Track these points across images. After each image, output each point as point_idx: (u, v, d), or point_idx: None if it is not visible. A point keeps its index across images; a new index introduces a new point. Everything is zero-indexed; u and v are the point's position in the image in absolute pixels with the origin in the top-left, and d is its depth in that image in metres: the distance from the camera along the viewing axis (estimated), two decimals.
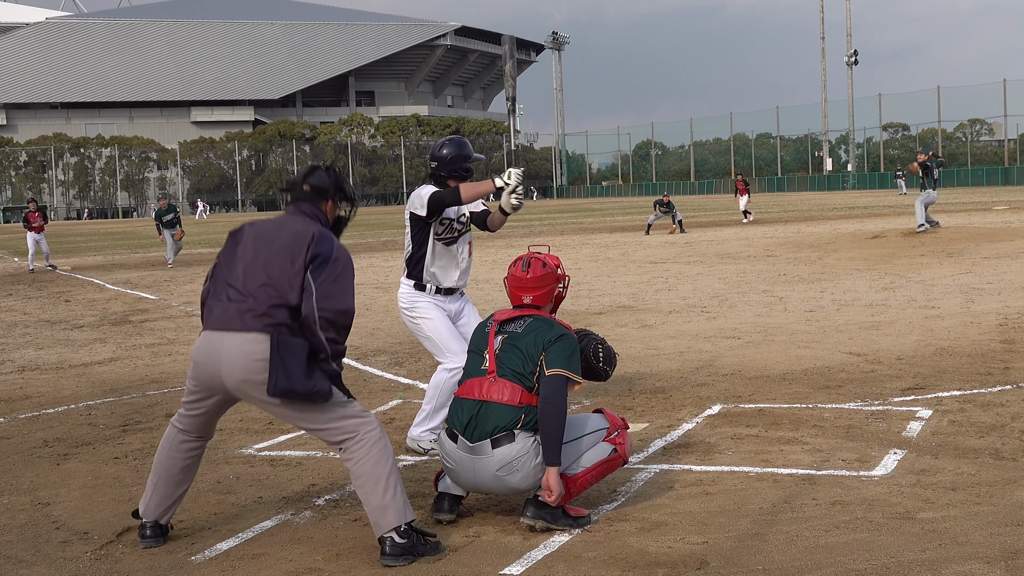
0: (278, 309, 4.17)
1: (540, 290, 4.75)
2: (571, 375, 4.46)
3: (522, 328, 4.60)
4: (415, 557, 4.16)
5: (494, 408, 4.45)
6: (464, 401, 4.56)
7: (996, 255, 16.28)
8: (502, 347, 4.57)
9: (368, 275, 18.91)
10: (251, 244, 4.32)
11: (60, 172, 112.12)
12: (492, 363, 4.55)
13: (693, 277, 15.66)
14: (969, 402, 6.47)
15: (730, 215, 40.75)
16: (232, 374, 4.18)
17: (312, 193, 4.45)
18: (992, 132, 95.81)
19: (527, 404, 4.44)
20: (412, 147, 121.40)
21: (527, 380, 4.47)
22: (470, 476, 4.49)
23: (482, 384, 4.53)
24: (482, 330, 4.76)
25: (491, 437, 4.41)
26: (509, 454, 4.39)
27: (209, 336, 4.26)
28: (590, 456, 4.58)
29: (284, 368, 4.11)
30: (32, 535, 4.75)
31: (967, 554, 3.95)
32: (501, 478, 4.42)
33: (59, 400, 8.07)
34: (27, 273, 23.63)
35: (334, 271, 4.19)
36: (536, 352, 4.50)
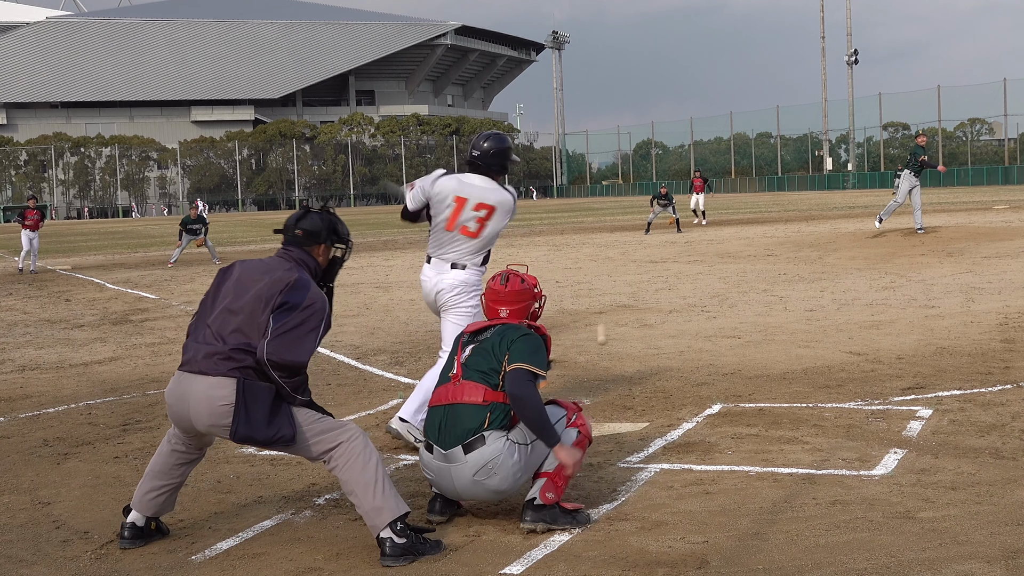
0: (246, 354, 4.20)
1: (517, 304, 4.78)
2: (533, 368, 4.43)
3: (490, 334, 4.63)
4: (415, 556, 4.16)
5: (460, 410, 4.43)
6: (434, 409, 4.56)
7: (996, 254, 16.28)
8: (471, 354, 4.59)
9: (368, 275, 18.91)
10: (233, 286, 4.36)
11: (60, 171, 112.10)
12: (459, 369, 4.57)
13: (693, 276, 15.65)
14: (969, 401, 6.47)
15: (730, 214, 40.75)
16: (200, 417, 4.24)
17: (304, 237, 4.46)
18: (992, 131, 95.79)
19: (492, 401, 4.42)
20: (412, 146, 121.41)
21: (492, 378, 4.46)
22: (450, 485, 4.47)
23: (448, 390, 4.54)
24: (456, 344, 4.76)
25: (463, 443, 4.38)
26: (483, 457, 4.37)
27: (179, 378, 4.32)
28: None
29: (247, 415, 4.16)
30: (32, 534, 4.75)
31: (967, 553, 3.95)
32: (480, 483, 4.40)
33: (59, 399, 8.07)
34: (25, 273, 23.59)
35: (298, 319, 4.20)
36: (501, 350, 4.51)
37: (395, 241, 31.16)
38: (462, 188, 6.07)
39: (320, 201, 6.10)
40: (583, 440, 4.64)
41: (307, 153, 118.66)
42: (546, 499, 4.43)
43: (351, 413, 7.03)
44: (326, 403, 7.41)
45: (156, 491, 4.51)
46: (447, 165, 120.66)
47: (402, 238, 32.81)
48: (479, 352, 4.56)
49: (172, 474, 4.53)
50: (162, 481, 4.51)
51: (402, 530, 4.19)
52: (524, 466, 4.45)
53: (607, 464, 5.45)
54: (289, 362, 4.18)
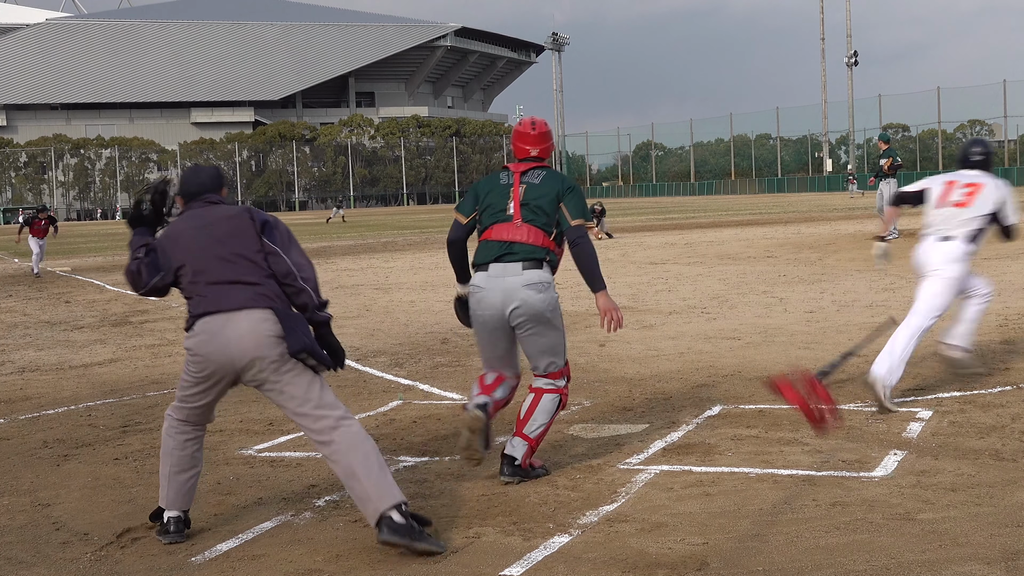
0: (268, 282, 4.47)
1: (543, 144, 5.45)
2: (587, 222, 5.26)
3: (539, 179, 5.28)
4: (412, 540, 4.21)
5: (521, 246, 5.14)
6: (492, 242, 5.20)
7: (996, 256, 16.28)
8: (524, 196, 5.23)
9: (368, 276, 18.91)
10: (197, 240, 4.56)
11: (60, 173, 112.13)
12: (517, 210, 5.21)
13: (693, 278, 15.65)
14: (969, 403, 6.47)
15: (730, 215, 40.77)
16: (244, 351, 4.35)
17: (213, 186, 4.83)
18: (992, 133, 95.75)
19: (547, 246, 5.19)
20: (412, 148, 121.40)
21: (548, 227, 5.19)
22: (498, 293, 5.10)
23: (509, 228, 5.18)
24: (497, 184, 5.35)
25: (524, 262, 5.11)
26: (536, 276, 5.12)
27: (210, 321, 4.40)
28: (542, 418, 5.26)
29: (295, 332, 4.38)
30: (32, 536, 4.75)
31: (967, 555, 3.95)
32: (526, 290, 5.08)
33: (59, 401, 8.07)
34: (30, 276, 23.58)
35: (284, 235, 4.57)
36: (554, 201, 5.21)
37: (395, 243, 31.16)
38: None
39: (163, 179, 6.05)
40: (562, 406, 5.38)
41: (307, 155, 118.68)
42: (524, 463, 5.19)
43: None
44: None
45: (186, 483, 4.63)
46: (447, 167, 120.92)
47: (402, 239, 32.83)
48: (532, 200, 5.21)
49: (193, 460, 4.65)
50: (188, 472, 4.63)
51: (405, 513, 4.26)
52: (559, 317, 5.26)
53: (607, 466, 5.45)
54: (308, 266, 4.58)
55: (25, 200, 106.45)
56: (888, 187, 20.43)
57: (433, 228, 41.98)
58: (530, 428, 5.22)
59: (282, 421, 6.94)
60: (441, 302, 13.92)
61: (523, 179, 5.29)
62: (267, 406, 7.48)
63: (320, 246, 31.18)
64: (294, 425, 6.77)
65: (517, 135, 5.47)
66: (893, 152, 21.05)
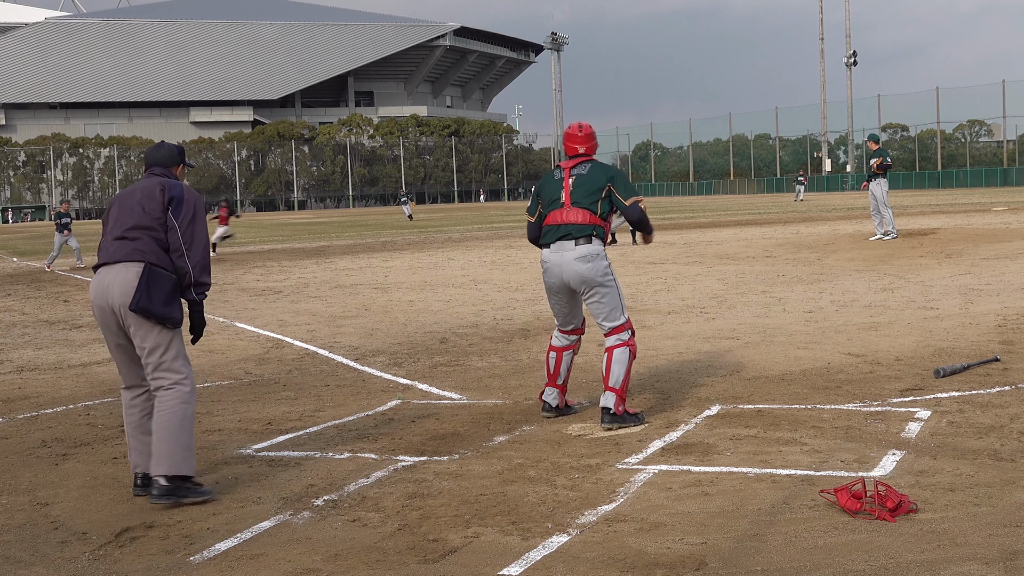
0: (149, 243, 5.09)
1: (589, 143, 6.52)
2: (638, 197, 6.33)
3: (586, 170, 6.37)
4: (179, 499, 5.02)
5: (572, 226, 6.28)
6: (551, 226, 6.38)
7: (995, 256, 16.29)
8: (574, 185, 6.34)
9: (367, 276, 18.91)
10: (117, 206, 5.28)
11: (59, 172, 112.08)
12: (567, 197, 6.33)
13: (692, 278, 15.66)
14: (968, 403, 6.47)
15: (729, 215, 40.79)
16: (115, 297, 5.07)
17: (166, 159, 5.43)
18: (991, 133, 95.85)
19: (594, 223, 6.29)
20: (411, 147, 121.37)
21: (594, 206, 6.29)
22: (557, 268, 6.31)
23: (562, 213, 6.34)
24: (552, 180, 6.49)
25: (575, 239, 6.25)
26: (585, 249, 6.25)
27: (98, 274, 5.16)
28: (618, 369, 6.25)
29: (148, 292, 5.02)
30: (30, 535, 4.74)
31: (966, 555, 3.95)
32: (577, 264, 6.23)
33: (58, 400, 8.07)
34: (32, 274, 23.59)
35: (188, 210, 5.14)
36: (601, 184, 6.31)
37: (394, 242, 31.16)
38: None
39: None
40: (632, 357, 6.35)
41: (306, 154, 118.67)
42: (618, 410, 6.20)
43: (350, 414, 7.03)
44: (324, 404, 7.42)
45: (148, 446, 5.23)
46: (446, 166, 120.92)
47: (401, 239, 32.83)
48: (581, 185, 6.32)
49: (147, 427, 5.27)
50: (145, 436, 5.27)
51: (173, 477, 5.02)
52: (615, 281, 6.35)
53: (605, 465, 5.45)
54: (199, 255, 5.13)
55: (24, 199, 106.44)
56: (879, 187, 20.44)
57: (432, 228, 42.00)
58: (613, 380, 6.23)
59: (281, 420, 6.94)
60: (440, 301, 13.93)
61: (572, 172, 6.41)
62: (266, 405, 7.48)
63: (319, 245, 31.19)
64: (293, 425, 6.78)
65: (567, 136, 6.54)
66: (884, 152, 21.05)
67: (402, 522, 4.66)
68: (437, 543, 4.37)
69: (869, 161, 21.15)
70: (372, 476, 5.44)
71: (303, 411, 7.22)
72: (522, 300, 13.66)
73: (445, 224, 45.85)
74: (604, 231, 6.34)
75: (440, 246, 27.90)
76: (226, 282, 18.81)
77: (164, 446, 5.05)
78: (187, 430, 5.11)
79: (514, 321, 11.59)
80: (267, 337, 11.18)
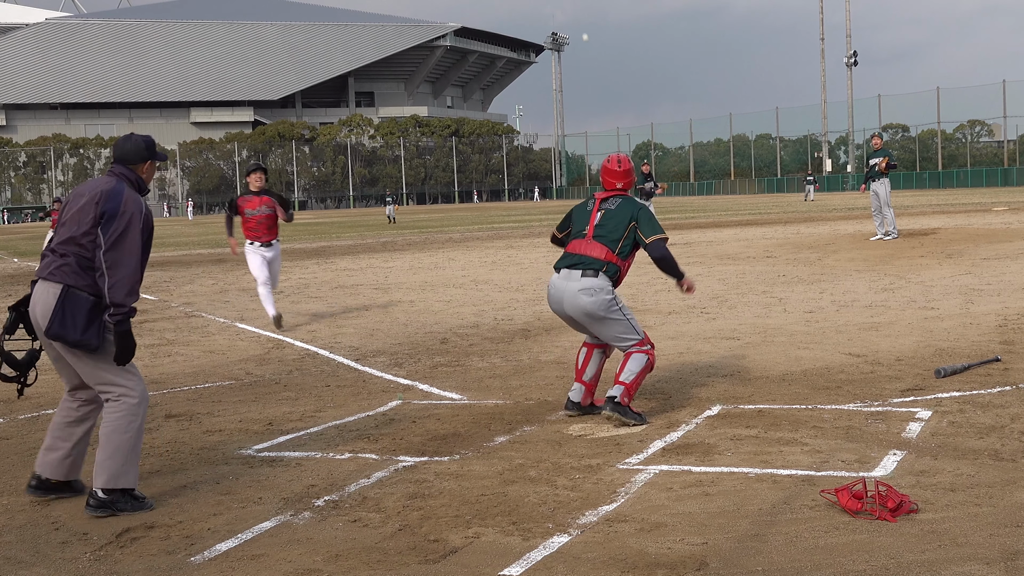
0: (73, 262, 4.87)
1: (626, 179, 6.62)
2: (662, 235, 6.44)
3: (615, 206, 6.48)
4: (116, 511, 4.91)
5: (586, 258, 6.37)
6: (568, 253, 6.50)
7: (995, 256, 16.29)
8: (601, 219, 6.46)
9: (368, 276, 18.91)
10: (67, 208, 5.04)
11: (59, 173, 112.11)
12: (591, 230, 6.43)
13: (692, 278, 15.64)
14: (968, 403, 6.47)
15: (729, 215, 40.79)
16: (36, 317, 4.95)
17: (130, 155, 5.11)
18: (991, 133, 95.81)
19: (610, 261, 6.34)
20: (412, 148, 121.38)
21: (615, 244, 6.37)
22: (559, 294, 6.39)
23: (582, 244, 6.44)
24: (584, 208, 6.62)
25: (583, 271, 6.32)
26: (590, 282, 6.29)
27: (35, 286, 5.01)
28: (633, 366, 6.36)
29: (63, 317, 4.83)
30: (31, 536, 4.75)
31: (966, 555, 3.95)
32: (579, 296, 6.28)
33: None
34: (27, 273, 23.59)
35: (119, 226, 4.84)
36: (626, 221, 6.40)
37: (394, 243, 31.17)
38: None
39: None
40: (650, 364, 6.45)
41: (306, 154, 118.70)
42: (624, 400, 6.26)
43: (350, 414, 7.03)
44: (324, 404, 7.42)
45: (53, 450, 5.14)
46: (446, 167, 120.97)
47: (401, 239, 32.84)
48: (608, 220, 6.42)
49: (66, 433, 5.15)
50: (55, 441, 5.15)
51: (110, 490, 4.90)
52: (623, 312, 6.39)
53: (606, 466, 5.45)
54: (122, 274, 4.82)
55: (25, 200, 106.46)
56: (883, 187, 20.41)
57: (432, 228, 42.00)
58: (625, 375, 6.35)
59: (281, 421, 6.94)
60: (440, 302, 13.93)
61: (602, 205, 6.53)
62: (266, 406, 7.48)
63: (319, 246, 31.20)
64: (294, 425, 6.78)
65: (605, 171, 6.67)
66: (888, 152, 21.01)
67: (403, 522, 4.66)
68: (438, 543, 4.37)
69: (870, 161, 21.08)
70: (373, 476, 5.44)
71: (304, 411, 7.22)
72: (523, 300, 13.66)
73: (446, 225, 45.85)
74: (619, 270, 6.38)
75: (441, 246, 27.90)
76: (227, 282, 18.82)
77: (104, 458, 4.92)
78: (130, 443, 4.95)
79: (515, 321, 11.59)
80: (268, 337, 11.18)
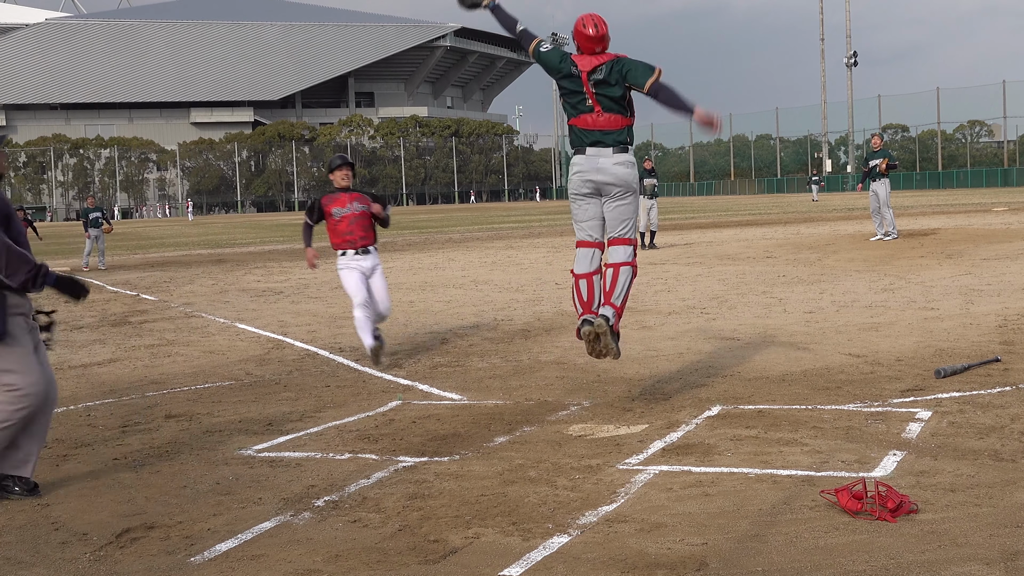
0: None
1: (605, 42, 6.54)
2: (657, 73, 6.36)
3: (602, 74, 6.40)
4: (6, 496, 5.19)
5: (609, 133, 6.42)
6: (583, 130, 6.48)
7: (995, 256, 16.29)
8: (597, 90, 6.40)
9: None
10: None
11: (59, 173, 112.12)
12: (595, 103, 6.41)
13: (692, 278, 15.66)
14: (968, 403, 6.47)
15: (729, 216, 40.77)
16: None
17: None
18: (991, 133, 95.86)
19: (626, 125, 6.48)
20: (412, 148, 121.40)
21: (622, 108, 6.45)
22: (593, 164, 6.45)
23: (595, 119, 6.43)
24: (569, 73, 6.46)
25: (614, 146, 6.44)
26: (624, 157, 6.48)
27: None
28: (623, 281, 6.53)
29: None
30: (31, 536, 4.75)
31: (967, 555, 3.95)
32: (617, 167, 6.44)
33: (58, 401, 8.05)
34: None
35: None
36: (620, 81, 6.38)
37: (394, 243, 31.17)
38: None
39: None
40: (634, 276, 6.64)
41: (306, 155, 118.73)
42: (616, 327, 6.49)
43: (350, 415, 7.03)
44: (324, 404, 7.42)
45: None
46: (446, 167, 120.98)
47: (401, 239, 32.83)
48: (603, 90, 6.38)
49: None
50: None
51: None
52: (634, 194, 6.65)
53: (606, 466, 5.45)
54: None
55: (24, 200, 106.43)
56: (883, 187, 20.39)
57: (432, 228, 42.00)
58: (615, 296, 6.47)
59: (281, 421, 6.94)
60: (440, 302, 13.93)
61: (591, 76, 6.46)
62: (266, 406, 7.48)
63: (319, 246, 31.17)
64: (294, 425, 6.78)
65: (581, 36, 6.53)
66: (888, 152, 20.99)
67: (403, 523, 4.66)
68: (438, 544, 4.37)
69: (869, 162, 21.04)
70: (373, 477, 5.44)
71: (304, 412, 7.22)
72: (523, 301, 13.66)
73: (446, 225, 45.85)
74: (632, 125, 6.56)
75: (440, 247, 27.90)
76: (227, 283, 18.82)
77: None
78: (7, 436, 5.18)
79: (515, 322, 11.59)
80: (268, 338, 11.18)
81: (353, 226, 9.16)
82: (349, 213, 9.17)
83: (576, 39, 6.57)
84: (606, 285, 6.48)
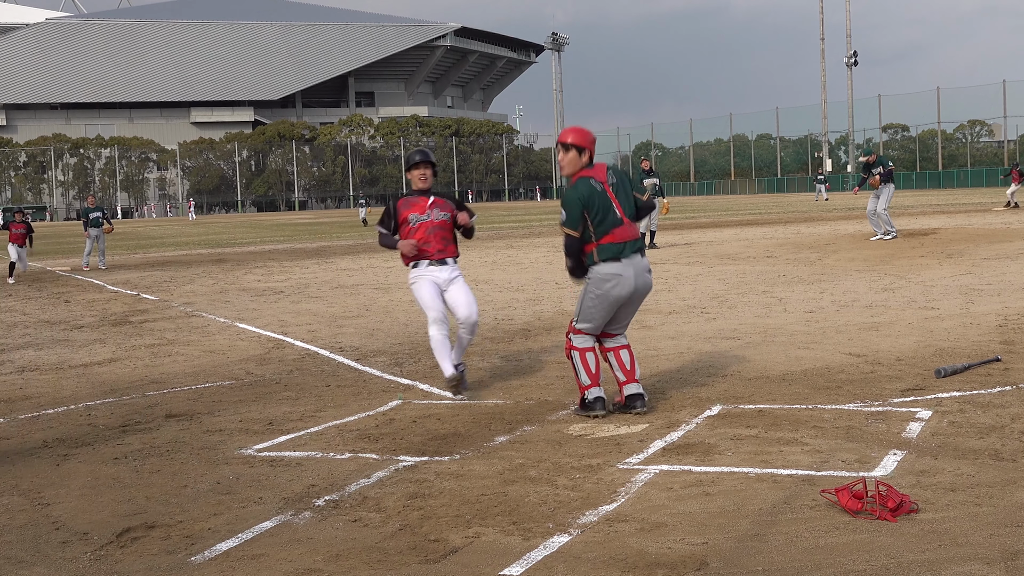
0: None
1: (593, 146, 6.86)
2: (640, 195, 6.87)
3: (612, 182, 6.75)
4: None
5: (639, 241, 6.76)
6: (623, 243, 6.70)
7: (995, 256, 16.29)
8: (619, 199, 6.71)
9: (368, 276, 18.91)
10: None
11: (60, 173, 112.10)
12: (622, 214, 6.68)
13: (693, 278, 15.66)
14: (969, 403, 6.47)
15: (729, 215, 40.76)
16: None
17: None
18: (992, 133, 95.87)
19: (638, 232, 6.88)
20: (412, 147, 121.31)
21: (634, 216, 6.80)
22: (638, 277, 6.67)
23: (626, 230, 6.70)
24: (601, 197, 6.66)
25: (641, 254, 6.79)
26: (647, 263, 6.83)
27: None
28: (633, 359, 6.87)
29: None
30: (32, 535, 4.75)
31: (967, 555, 3.95)
32: (648, 276, 6.79)
33: (59, 401, 8.07)
34: (35, 273, 23.56)
35: None
36: (630, 191, 6.78)
37: None
38: None
39: None
40: None
41: (307, 154, 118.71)
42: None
43: (351, 414, 7.03)
44: (325, 404, 7.42)
45: None
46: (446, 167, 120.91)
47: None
48: (624, 200, 6.72)
49: None
50: None
51: None
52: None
53: (606, 465, 5.45)
54: None
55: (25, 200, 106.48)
56: (886, 191, 20.39)
57: None
58: (638, 372, 6.82)
59: (282, 421, 6.94)
60: None
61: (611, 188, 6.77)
62: (267, 406, 7.48)
63: (320, 246, 31.20)
64: (294, 425, 6.78)
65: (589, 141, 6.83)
66: (884, 160, 20.98)
67: (403, 522, 4.66)
68: (438, 543, 4.37)
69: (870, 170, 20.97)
70: (373, 476, 5.45)
71: (304, 411, 7.22)
72: (523, 300, 13.66)
73: None
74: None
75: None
76: (227, 282, 18.82)
77: None
78: None
79: (515, 322, 11.59)
80: (268, 337, 11.18)
81: (431, 236, 7.73)
82: (428, 221, 7.75)
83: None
84: (625, 365, 6.82)
